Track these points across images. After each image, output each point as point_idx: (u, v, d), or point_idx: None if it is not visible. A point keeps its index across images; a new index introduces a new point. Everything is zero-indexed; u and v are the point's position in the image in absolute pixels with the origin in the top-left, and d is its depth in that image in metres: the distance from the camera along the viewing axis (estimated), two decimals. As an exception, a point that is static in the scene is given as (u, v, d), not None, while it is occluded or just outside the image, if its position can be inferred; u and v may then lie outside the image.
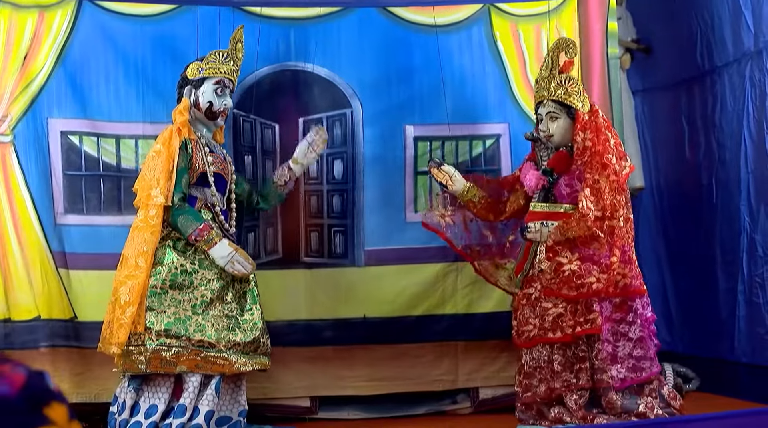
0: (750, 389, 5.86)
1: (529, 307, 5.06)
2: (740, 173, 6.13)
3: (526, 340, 5.05)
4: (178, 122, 4.88)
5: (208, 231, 4.77)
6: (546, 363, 5.00)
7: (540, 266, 5.02)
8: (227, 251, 4.76)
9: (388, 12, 5.62)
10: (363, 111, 5.55)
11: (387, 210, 5.56)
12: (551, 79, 5.02)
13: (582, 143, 4.96)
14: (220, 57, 4.97)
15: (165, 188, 4.73)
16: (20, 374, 1.06)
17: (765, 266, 5.91)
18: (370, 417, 5.53)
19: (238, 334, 4.79)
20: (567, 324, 4.93)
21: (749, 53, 5.97)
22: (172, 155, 4.78)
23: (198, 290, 4.78)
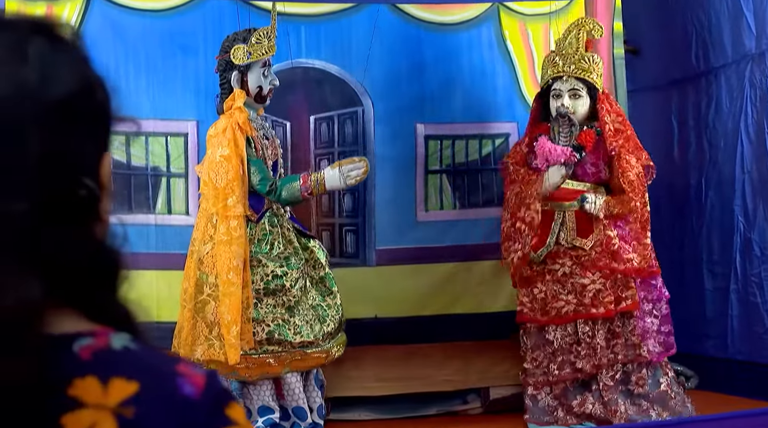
0: (747, 386, 5.92)
1: (556, 283, 5.05)
2: (735, 173, 6.19)
3: (557, 316, 5.04)
4: (240, 119, 4.71)
5: (308, 178, 4.74)
6: (589, 338, 5.00)
7: (572, 243, 5.03)
8: (336, 173, 4.75)
9: (398, 10, 5.59)
10: (374, 109, 5.51)
11: (398, 209, 5.56)
12: (576, 55, 5.02)
13: (612, 125, 5.01)
14: (265, 36, 4.81)
15: (241, 195, 4.63)
16: (200, 374, 1.04)
17: (763, 266, 5.99)
18: (381, 418, 5.49)
19: (330, 323, 4.82)
20: (607, 299, 4.97)
21: (750, 55, 6.03)
22: (242, 157, 4.66)
23: (290, 292, 4.75)
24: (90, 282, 1.04)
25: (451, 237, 5.59)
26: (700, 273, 6.56)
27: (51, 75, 1.01)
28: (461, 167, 5.68)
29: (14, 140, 0.98)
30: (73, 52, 1.06)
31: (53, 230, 0.99)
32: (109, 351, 1.02)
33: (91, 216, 1.05)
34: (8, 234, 0.96)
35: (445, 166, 5.65)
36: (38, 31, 1.04)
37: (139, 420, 0.98)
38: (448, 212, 5.64)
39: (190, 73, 5.26)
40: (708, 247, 6.51)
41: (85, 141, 1.04)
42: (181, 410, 1.00)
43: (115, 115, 1.09)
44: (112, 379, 0.99)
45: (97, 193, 1.05)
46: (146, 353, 1.05)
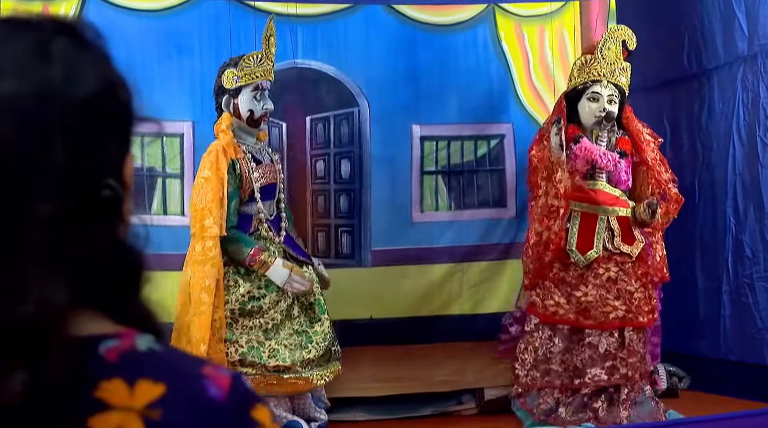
0: (740, 386, 5.95)
1: (603, 288, 5.02)
2: (727, 175, 6.22)
3: (604, 322, 5.00)
4: (224, 142, 4.74)
5: (260, 253, 4.69)
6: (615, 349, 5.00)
7: (619, 249, 5.04)
8: (283, 272, 4.69)
9: (394, 10, 5.60)
10: (370, 110, 5.51)
11: (393, 210, 5.57)
12: (617, 62, 5.05)
13: (645, 135, 5.06)
14: (254, 60, 4.83)
15: (218, 217, 4.63)
16: (225, 375, 1.03)
17: (754, 267, 6.02)
18: (376, 418, 5.50)
19: (312, 350, 4.75)
20: (647, 308, 5.03)
21: (742, 57, 6.06)
22: (222, 180, 4.66)
23: (268, 314, 4.74)
24: (114, 283, 1.04)
25: (446, 238, 5.60)
26: (693, 274, 6.58)
27: (75, 75, 1.01)
28: (457, 168, 5.68)
29: (40, 141, 0.97)
30: (95, 52, 1.06)
31: (79, 231, 0.99)
32: (135, 352, 1.02)
33: (115, 217, 1.05)
34: (35, 236, 0.96)
35: (440, 167, 5.66)
36: (61, 31, 1.04)
37: (166, 422, 0.98)
38: (444, 213, 5.65)
39: (185, 74, 5.25)
40: (701, 248, 6.54)
41: (109, 141, 1.04)
42: (207, 412, 1.00)
43: (137, 115, 1.08)
44: (138, 381, 0.99)
45: (121, 193, 1.04)
46: (171, 354, 1.06)
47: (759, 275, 5.97)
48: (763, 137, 5.90)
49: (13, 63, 1.00)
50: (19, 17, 1.05)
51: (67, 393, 0.95)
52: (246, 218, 4.82)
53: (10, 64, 0.99)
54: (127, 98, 1.07)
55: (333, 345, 4.87)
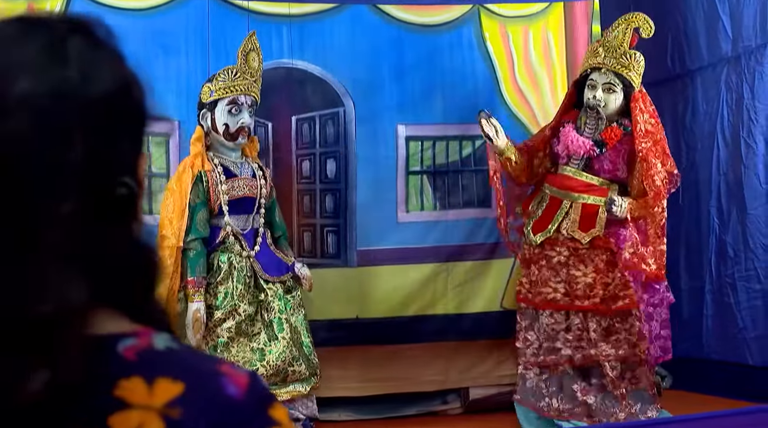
0: (722, 385, 5.99)
1: (549, 270, 5.09)
2: (711, 175, 6.26)
3: (544, 302, 5.09)
4: (191, 154, 4.80)
5: (192, 286, 4.68)
6: (580, 330, 5.04)
7: (572, 234, 5.06)
8: (189, 317, 4.66)
9: (380, 11, 5.60)
10: (356, 110, 5.51)
11: (379, 210, 5.56)
12: (619, 50, 5.01)
13: (644, 126, 5.00)
14: (229, 75, 4.83)
15: (177, 228, 4.67)
16: (242, 374, 1.03)
17: (735, 267, 6.06)
18: (362, 418, 5.51)
19: (260, 368, 4.71)
20: (596, 293, 5.01)
21: (726, 58, 6.10)
22: (184, 192, 4.71)
23: (214, 332, 4.73)
24: (131, 282, 1.05)
25: (431, 238, 5.60)
26: (677, 274, 6.61)
27: (91, 74, 1.02)
28: (442, 168, 5.69)
29: (58, 140, 0.98)
30: (109, 51, 1.06)
31: (96, 229, 1.00)
32: (153, 351, 1.02)
33: (130, 215, 1.06)
34: (53, 234, 0.96)
35: (425, 167, 5.66)
36: (75, 30, 1.04)
37: (186, 421, 0.97)
38: (429, 213, 5.65)
39: (171, 74, 5.22)
40: (685, 248, 6.57)
41: (124, 140, 1.05)
42: (225, 410, 1.00)
43: (150, 114, 1.10)
44: (157, 380, 0.99)
45: (137, 192, 1.06)
46: (188, 353, 1.06)
47: (740, 275, 6.01)
48: (747, 137, 5.94)
49: (29, 62, 1.00)
50: (33, 16, 1.06)
51: (86, 391, 0.95)
52: (215, 230, 4.82)
53: (26, 63, 1.00)
54: (141, 97, 1.09)
55: (293, 365, 4.81)
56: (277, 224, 5.11)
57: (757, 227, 5.91)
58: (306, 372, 4.86)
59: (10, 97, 0.97)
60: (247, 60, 4.87)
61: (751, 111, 5.89)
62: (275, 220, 5.11)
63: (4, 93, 0.97)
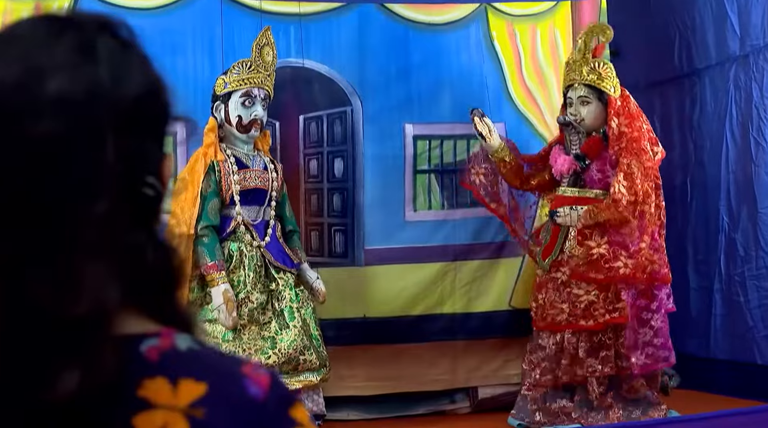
0: (730, 385, 5.98)
1: (555, 291, 5.10)
2: (720, 173, 6.25)
3: (552, 323, 5.09)
4: (204, 144, 4.85)
5: (215, 270, 4.72)
6: (573, 349, 5.04)
7: (571, 252, 5.07)
8: (218, 300, 4.69)
9: (387, 10, 5.60)
10: (363, 109, 5.51)
11: (386, 209, 5.56)
12: (584, 62, 5.07)
13: (617, 129, 5.01)
14: (244, 67, 4.90)
15: (188, 216, 4.71)
16: (264, 374, 1.03)
17: (746, 266, 6.04)
18: (370, 417, 5.51)
19: (272, 357, 4.73)
20: (599, 312, 4.99)
21: (735, 57, 6.08)
22: (196, 181, 4.76)
23: None
24: (155, 283, 1.05)
25: (439, 237, 5.60)
26: (686, 273, 6.60)
27: (121, 75, 1.01)
28: (449, 166, 5.68)
29: (93, 141, 0.97)
30: (135, 51, 1.06)
31: (127, 230, 1.00)
32: (176, 351, 1.02)
33: (155, 216, 1.06)
34: (88, 235, 0.96)
35: (433, 166, 5.66)
36: (103, 29, 1.04)
37: (209, 421, 0.98)
38: (437, 211, 5.65)
39: (179, 73, 5.21)
40: (694, 246, 6.56)
41: (151, 141, 1.05)
42: (248, 411, 1.01)
43: (174, 115, 1.09)
44: (181, 380, 0.99)
45: (162, 193, 1.06)
46: (210, 353, 1.06)
47: (751, 274, 6.00)
48: (756, 136, 5.93)
49: (62, 62, 0.99)
50: (61, 15, 1.06)
51: (111, 391, 0.95)
52: (226, 220, 4.86)
53: (56, 63, 0.99)
54: (167, 98, 1.08)
55: (305, 353, 4.82)
56: (287, 218, 5.14)
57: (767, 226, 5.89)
58: (317, 362, 4.88)
59: (43, 97, 0.96)
60: (261, 54, 4.92)
61: (761, 109, 5.88)
62: (285, 214, 5.13)
63: (38, 93, 0.96)
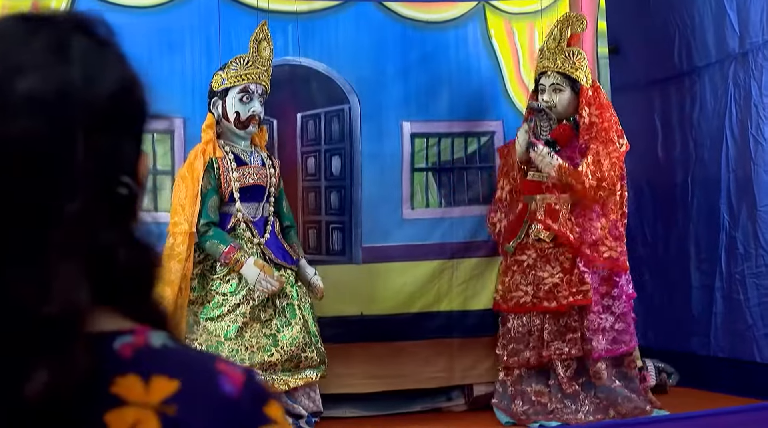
0: (730, 383, 5.98)
1: (520, 273, 5.19)
2: (720, 172, 6.25)
3: (516, 305, 5.19)
4: (203, 141, 4.87)
5: (234, 252, 4.75)
6: (538, 331, 5.13)
7: (537, 235, 5.15)
8: (255, 271, 4.73)
9: (384, 8, 5.61)
10: (361, 107, 5.52)
11: (384, 207, 5.57)
12: (558, 51, 5.16)
13: (588, 119, 5.11)
14: (241, 63, 4.91)
15: (190, 214, 4.73)
16: (239, 372, 1.03)
17: (745, 264, 6.05)
18: (366, 414, 5.51)
19: (275, 354, 4.77)
20: (562, 294, 5.08)
21: (734, 55, 6.08)
22: (196, 178, 4.78)
23: (228, 318, 4.78)
24: (130, 281, 1.05)
25: (436, 235, 5.61)
26: (687, 271, 6.61)
27: (94, 74, 1.01)
28: (447, 164, 5.69)
29: (64, 140, 0.97)
30: (112, 50, 1.06)
31: (100, 229, 1.00)
32: (149, 348, 1.02)
33: (131, 215, 1.06)
34: (60, 235, 0.96)
35: (431, 164, 5.67)
36: (78, 28, 1.04)
37: (181, 418, 0.98)
38: (434, 209, 5.65)
39: (176, 71, 5.24)
40: (695, 245, 6.57)
41: (126, 140, 1.05)
42: (221, 408, 1.01)
43: (150, 113, 1.09)
44: (153, 377, 0.99)
45: (137, 192, 1.06)
46: (184, 351, 1.06)
47: (750, 272, 6.00)
48: (756, 134, 5.93)
49: (34, 61, 0.99)
50: (36, 14, 1.05)
51: (83, 388, 0.95)
52: (225, 217, 4.89)
53: (30, 62, 0.99)
54: (142, 96, 1.08)
55: (306, 350, 4.86)
56: (284, 213, 5.16)
57: (767, 224, 5.89)
58: (317, 358, 4.93)
59: (15, 96, 0.97)
60: (258, 49, 4.94)
61: (760, 107, 5.88)
62: (283, 210, 5.16)
63: (9, 91, 0.97)
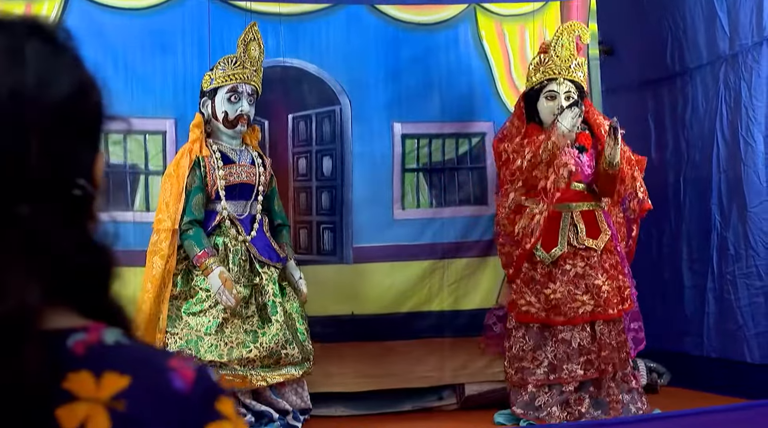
0: (721, 383, 5.99)
1: (571, 284, 5.06)
2: (711, 173, 6.27)
3: (576, 316, 5.03)
4: (189, 140, 4.93)
5: (206, 258, 4.78)
6: (589, 343, 5.04)
7: (584, 244, 5.08)
8: (217, 283, 4.75)
9: (376, 10, 5.64)
10: (352, 108, 5.55)
11: (375, 207, 5.59)
12: (571, 58, 5.10)
13: (605, 128, 5.08)
14: (229, 64, 4.96)
15: (173, 211, 4.80)
16: (190, 368, 1.05)
17: (736, 264, 6.06)
18: (358, 413, 5.53)
19: (253, 350, 4.80)
20: (615, 300, 5.06)
21: (724, 56, 6.10)
22: (182, 176, 4.83)
23: (209, 313, 4.81)
24: (84, 280, 1.06)
25: (427, 235, 5.64)
26: (680, 272, 6.62)
27: (48, 78, 1.02)
28: (438, 165, 5.72)
29: (15, 144, 0.99)
30: (68, 54, 1.07)
31: (53, 230, 1.01)
32: (102, 345, 1.03)
33: (86, 216, 1.07)
34: (13, 236, 0.98)
35: (421, 164, 5.70)
36: (34, 32, 1.05)
37: (131, 413, 0.99)
38: (425, 210, 5.68)
39: (168, 72, 5.29)
40: (688, 245, 6.58)
41: (80, 142, 1.06)
42: (172, 404, 1.02)
43: (107, 114, 1.10)
44: (105, 373, 1.00)
45: (92, 193, 1.07)
46: (138, 347, 1.07)
47: (741, 273, 6.02)
48: (746, 135, 5.95)
49: None
50: None
51: (37, 385, 0.97)
52: (211, 215, 4.93)
53: None
54: (98, 99, 1.09)
55: (286, 347, 4.87)
56: (276, 212, 5.20)
57: (757, 225, 5.91)
58: (299, 356, 4.94)
59: None
60: (247, 49, 4.98)
61: (749, 109, 5.90)
62: (274, 208, 5.19)
63: None
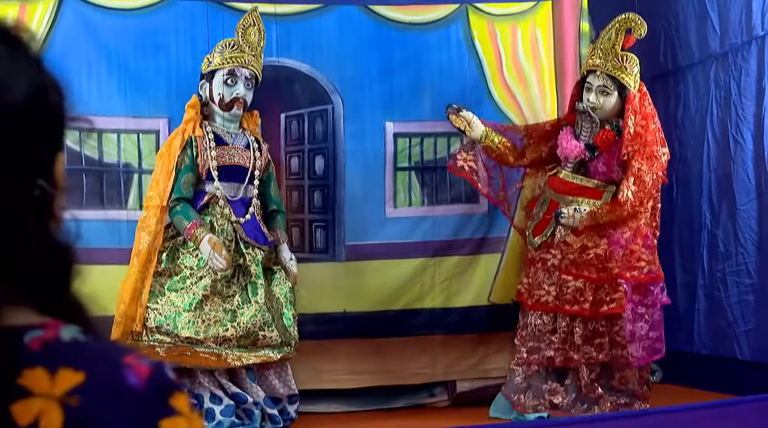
0: (711, 380, 6.03)
1: (544, 272, 5.16)
2: (702, 171, 6.30)
3: (537, 303, 5.16)
4: (183, 120, 4.99)
5: (195, 228, 4.84)
6: (565, 333, 5.10)
7: (565, 238, 5.13)
8: (206, 248, 4.81)
9: (368, 10, 5.67)
10: (344, 107, 5.59)
11: (367, 206, 5.62)
12: (612, 52, 5.08)
13: (633, 128, 5.03)
14: (227, 47, 5.04)
15: (162, 189, 4.87)
16: (145, 365, 1.07)
17: (726, 262, 6.10)
18: (350, 410, 5.57)
19: (230, 329, 4.85)
20: (586, 298, 5.05)
21: (715, 55, 6.13)
22: (173, 155, 4.90)
23: (191, 290, 4.85)
24: (43, 278, 1.08)
25: (419, 233, 5.66)
26: (672, 269, 6.65)
27: (6, 81, 1.04)
28: (429, 164, 5.75)
29: None
30: (28, 56, 1.08)
31: (12, 231, 1.03)
32: (58, 342, 1.05)
33: (46, 215, 1.09)
34: None
35: (413, 163, 5.72)
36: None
37: (84, 408, 1.01)
38: (417, 208, 5.71)
39: (162, 72, 5.33)
40: (679, 243, 6.61)
41: (39, 143, 1.08)
42: (125, 399, 1.04)
43: (69, 115, 1.12)
44: (59, 369, 1.02)
45: (51, 193, 1.09)
46: (94, 344, 1.09)
47: (731, 270, 6.05)
48: (735, 134, 5.98)
49: None
50: None
51: None
52: (200, 195, 5.00)
53: None
54: (59, 100, 1.11)
55: (264, 330, 4.91)
56: (271, 197, 5.25)
57: (746, 223, 5.94)
58: (278, 339, 4.98)
59: None
60: (245, 34, 5.06)
61: (739, 108, 5.92)
62: (270, 194, 5.24)
63: None
